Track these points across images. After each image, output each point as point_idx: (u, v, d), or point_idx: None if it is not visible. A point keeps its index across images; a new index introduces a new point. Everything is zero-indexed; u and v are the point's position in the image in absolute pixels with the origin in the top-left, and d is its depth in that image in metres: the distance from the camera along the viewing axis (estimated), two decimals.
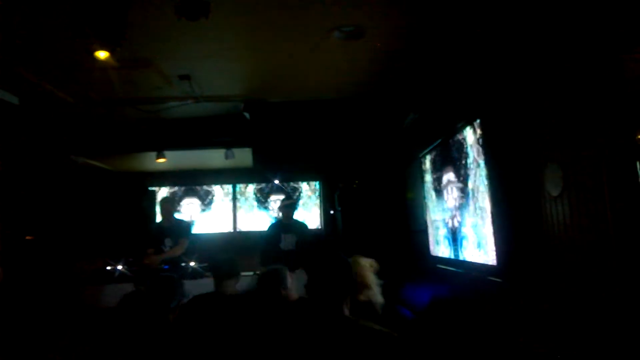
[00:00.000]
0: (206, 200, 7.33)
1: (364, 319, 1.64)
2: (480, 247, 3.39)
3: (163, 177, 7.26)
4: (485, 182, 3.22)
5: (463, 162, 3.67)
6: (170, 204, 5.13)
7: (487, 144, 3.20)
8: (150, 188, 7.17)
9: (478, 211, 3.39)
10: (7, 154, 4.73)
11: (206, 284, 3.71)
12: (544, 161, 2.55)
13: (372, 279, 2.53)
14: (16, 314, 4.02)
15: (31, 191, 5.26)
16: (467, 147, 3.57)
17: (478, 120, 3.33)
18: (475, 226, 3.47)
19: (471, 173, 3.50)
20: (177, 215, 5.27)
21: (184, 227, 5.05)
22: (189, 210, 7.26)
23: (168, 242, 4.84)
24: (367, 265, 2.58)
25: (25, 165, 5.11)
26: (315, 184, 7.32)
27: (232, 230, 7.25)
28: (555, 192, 2.45)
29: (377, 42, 3.41)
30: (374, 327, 1.60)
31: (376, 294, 2.50)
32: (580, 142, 2.27)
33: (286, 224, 5.10)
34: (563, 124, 2.40)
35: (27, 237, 5.26)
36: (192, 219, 7.15)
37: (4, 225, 4.72)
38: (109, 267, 5.02)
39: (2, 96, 3.93)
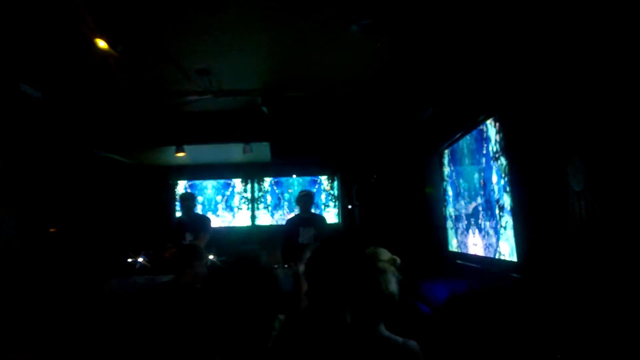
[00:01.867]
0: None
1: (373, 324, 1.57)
2: (500, 243, 3.34)
3: (183, 171, 7.35)
4: (506, 177, 3.16)
5: (483, 156, 3.61)
6: (190, 201, 5.22)
7: (508, 138, 3.14)
8: (170, 182, 7.27)
9: (498, 206, 3.34)
10: (30, 148, 4.84)
11: None
12: (567, 155, 2.49)
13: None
14: (39, 305, 4.13)
15: (54, 185, 5.37)
16: (487, 141, 3.51)
17: (498, 114, 3.27)
18: (495, 222, 3.42)
19: (491, 167, 3.44)
20: (196, 211, 5.37)
21: (204, 222, 5.15)
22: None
23: (188, 236, 4.94)
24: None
25: (48, 159, 5.22)
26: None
27: (250, 224, 7.30)
28: (578, 187, 2.39)
29: (395, 35, 3.37)
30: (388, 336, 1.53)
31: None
32: (604, 135, 2.20)
33: (304, 218, 5.10)
34: (586, 117, 2.34)
35: (51, 230, 5.38)
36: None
37: (28, 218, 4.84)
38: (129, 260, 5.11)
39: (25, 90, 4.01)
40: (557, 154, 2.59)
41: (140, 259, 5.10)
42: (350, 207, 6.91)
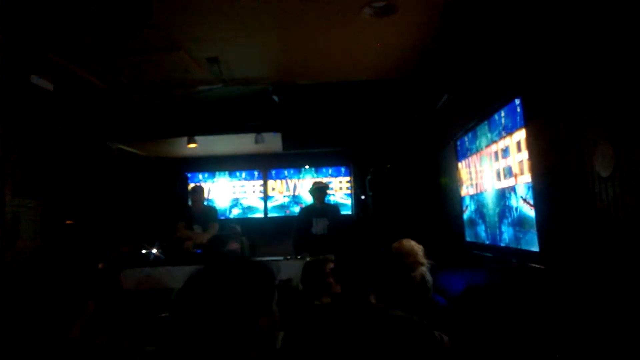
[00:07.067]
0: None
1: (394, 307, 1.65)
2: (520, 231, 3.23)
3: (195, 163, 7.35)
4: (527, 163, 3.05)
5: (502, 143, 3.49)
6: (198, 193, 5.27)
7: (530, 121, 3.01)
8: (185, 173, 7.29)
9: (518, 194, 3.23)
10: (46, 141, 4.85)
11: None
12: (593, 140, 2.37)
13: (421, 257, 2.73)
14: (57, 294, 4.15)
15: (70, 177, 5.39)
16: (506, 127, 3.39)
17: (519, 98, 3.14)
18: (514, 210, 3.31)
19: (511, 154, 3.33)
20: (205, 203, 5.44)
21: (211, 213, 5.26)
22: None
23: (196, 228, 4.99)
24: (414, 246, 2.77)
25: (63, 152, 5.23)
26: None
27: (263, 216, 7.28)
28: (605, 173, 2.28)
29: (409, 18, 3.26)
30: (401, 314, 1.62)
31: (427, 272, 2.68)
32: (634, 118, 2.08)
33: (318, 208, 5.04)
34: (614, 99, 2.21)
35: (67, 222, 5.41)
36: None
37: (46, 211, 4.86)
38: (144, 251, 5.13)
39: (38, 82, 4.00)
40: (582, 138, 2.47)
41: (154, 251, 5.11)
42: (363, 197, 6.83)
